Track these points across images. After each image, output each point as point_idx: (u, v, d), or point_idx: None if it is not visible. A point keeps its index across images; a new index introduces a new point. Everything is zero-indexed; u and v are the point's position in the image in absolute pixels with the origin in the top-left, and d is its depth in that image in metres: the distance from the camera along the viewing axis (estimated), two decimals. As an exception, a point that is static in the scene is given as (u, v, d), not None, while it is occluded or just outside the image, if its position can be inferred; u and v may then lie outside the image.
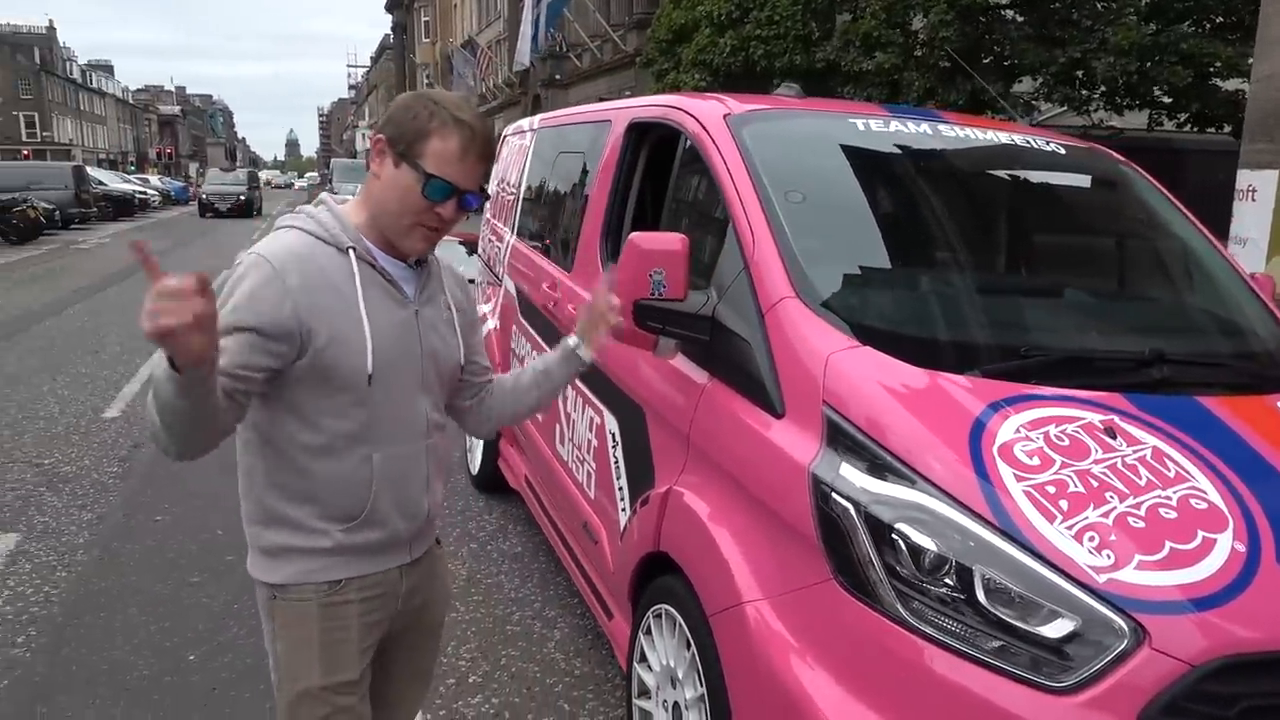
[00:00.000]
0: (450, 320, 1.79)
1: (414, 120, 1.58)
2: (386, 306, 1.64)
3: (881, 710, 1.81)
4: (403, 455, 1.70)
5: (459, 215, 1.65)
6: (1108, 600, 1.67)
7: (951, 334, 2.30)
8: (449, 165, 1.57)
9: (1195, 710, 1.63)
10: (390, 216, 1.62)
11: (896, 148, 2.76)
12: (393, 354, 1.63)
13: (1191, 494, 1.85)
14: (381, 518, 1.69)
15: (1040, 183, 2.95)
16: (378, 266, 1.64)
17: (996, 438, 1.90)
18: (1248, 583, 1.71)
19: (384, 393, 1.63)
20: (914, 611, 1.80)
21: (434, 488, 1.80)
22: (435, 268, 1.80)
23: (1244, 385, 2.33)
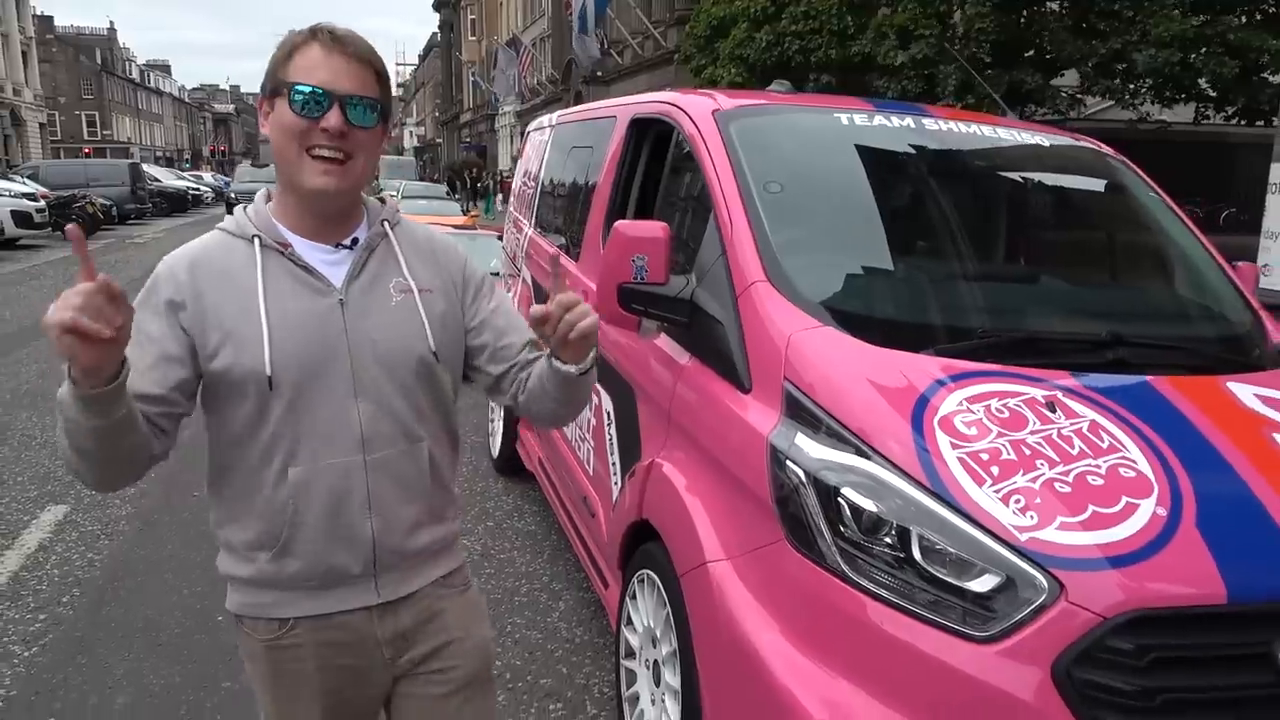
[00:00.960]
0: (408, 303, 1.49)
1: (274, 55, 1.42)
2: (297, 297, 1.42)
3: (826, 660, 1.96)
4: (329, 470, 1.43)
5: (355, 132, 1.39)
6: (1029, 557, 1.80)
7: (910, 316, 2.44)
8: (314, 71, 1.36)
9: (1107, 660, 1.76)
10: (283, 163, 1.41)
11: (876, 141, 2.89)
12: (305, 351, 1.40)
13: (1121, 463, 1.97)
14: (307, 546, 1.45)
15: (1017, 174, 3.06)
16: (289, 253, 1.43)
17: (939, 410, 2.04)
18: (1164, 544, 1.83)
19: (297, 397, 1.41)
20: (857, 569, 1.95)
21: (392, 514, 1.49)
22: (387, 243, 1.52)
23: (1200, 367, 2.43)
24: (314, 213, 1.45)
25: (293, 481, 1.43)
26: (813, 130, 2.95)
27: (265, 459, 1.43)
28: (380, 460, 1.47)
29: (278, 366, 1.38)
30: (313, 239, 1.46)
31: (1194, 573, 1.80)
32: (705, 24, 18.41)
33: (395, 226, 1.55)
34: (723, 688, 2.16)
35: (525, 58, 36.33)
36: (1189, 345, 2.56)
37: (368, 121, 1.40)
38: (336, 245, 1.47)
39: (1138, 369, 2.32)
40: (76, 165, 29.40)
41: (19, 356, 8.25)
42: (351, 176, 1.41)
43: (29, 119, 50.36)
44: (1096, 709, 1.75)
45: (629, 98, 3.93)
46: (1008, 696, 1.78)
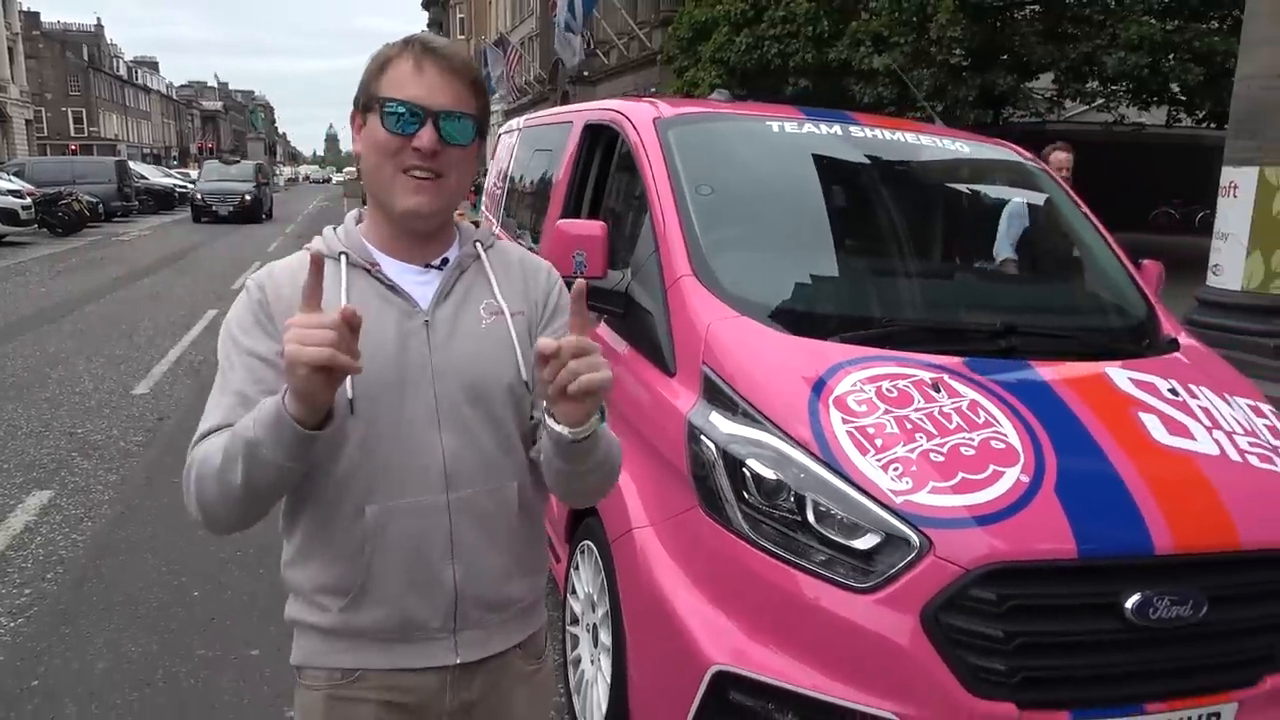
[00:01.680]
0: (499, 326, 1.37)
1: (367, 69, 1.35)
2: (381, 316, 1.32)
3: (731, 612, 2.20)
4: (411, 511, 1.32)
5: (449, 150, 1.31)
6: (903, 517, 2.04)
7: (820, 307, 2.69)
8: (406, 85, 1.29)
9: (970, 607, 2.00)
10: (374, 182, 1.34)
11: (802, 147, 3.13)
12: (385, 374, 1.30)
13: (993, 437, 2.21)
14: (386, 593, 1.33)
15: (933, 176, 3.31)
16: (376, 272, 1.35)
17: (834, 390, 2.28)
18: (1023, 507, 2.07)
19: (378, 425, 1.30)
20: (760, 531, 2.19)
21: (477, 560, 1.35)
22: (478, 265, 1.42)
23: (1084, 354, 2.68)
24: (405, 232, 1.37)
25: (369, 521, 1.31)
26: (745, 137, 3.19)
27: (340, 494, 1.32)
28: (465, 500, 1.34)
29: (359, 389, 1.27)
30: (402, 259, 1.38)
31: (1048, 531, 2.05)
32: (687, 26, 18.69)
33: (489, 249, 1.45)
34: (643, 639, 2.39)
35: (513, 57, 36.53)
36: (1076, 335, 2.81)
37: (463, 139, 1.32)
38: (426, 265, 1.39)
39: (1026, 355, 2.57)
40: (63, 163, 29.09)
41: (5, 350, 8.43)
42: (445, 195, 1.33)
43: (15, 115, 50.26)
44: (960, 650, 2.00)
45: (584, 104, 4.16)
46: (884, 639, 2.02)
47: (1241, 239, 7.96)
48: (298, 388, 1.10)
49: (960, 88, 13.69)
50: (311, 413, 1.12)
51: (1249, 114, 7.93)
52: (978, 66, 13.99)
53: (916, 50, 13.59)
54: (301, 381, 1.09)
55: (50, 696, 3.04)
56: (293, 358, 1.07)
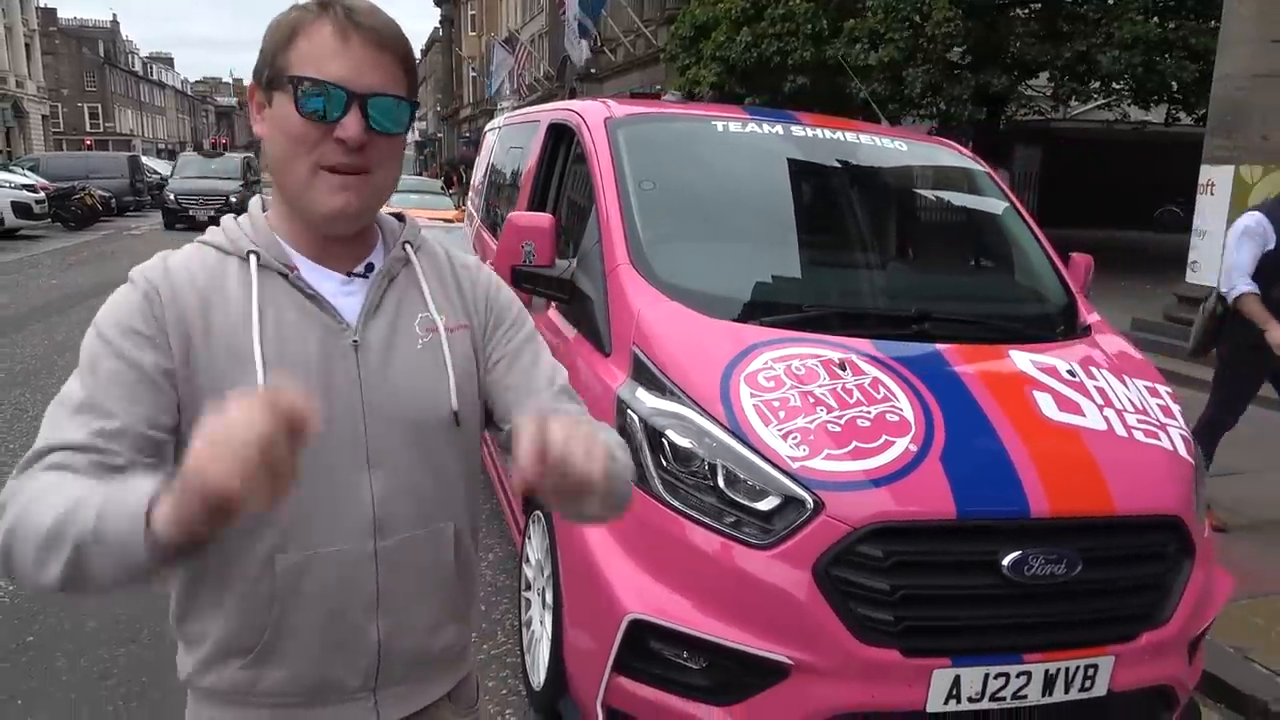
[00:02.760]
0: (434, 346, 1.19)
1: (273, 35, 1.11)
2: (302, 333, 1.12)
3: (650, 568, 2.42)
4: (331, 561, 1.13)
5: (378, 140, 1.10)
6: (798, 480, 2.26)
7: (744, 294, 2.90)
8: (327, 60, 1.06)
9: (857, 562, 2.22)
10: (285, 176, 1.11)
11: (743, 146, 3.35)
12: None
13: (889, 410, 2.42)
14: (294, 654, 1.15)
15: (868, 172, 3.52)
16: (293, 278, 1.13)
17: (747, 368, 2.50)
18: (908, 472, 2.28)
19: None
20: (677, 496, 2.41)
21: (404, 613, 1.19)
22: (409, 271, 1.22)
23: (994, 339, 2.89)
24: (322, 233, 1.15)
25: (280, 573, 1.11)
26: (689, 136, 3.42)
27: (245, 540, 1.10)
28: (395, 547, 1.16)
29: None
30: (320, 262, 1.16)
31: (930, 494, 2.26)
32: (689, 24, 18.86)
33: (419, 249, 1.25)
34: (574, 595, 2.62)
35: (521, 54, 36.77)
36: (987, 321, 3.02)
37: (396, 126, 1.11)
38: (349, 274, 1.17)
39: (935, 339, 2.78)
40: (77, 157, 29.39)
41: (15, 339, 8.73)
42: (373, 194, 1.13)
43: (32, 111, 50.88)
44: (850, 601, 2.22)
45: (550, 105, 4.39)
46: (782, 591, 2.24)
47: (1218, 236, 8.10)
48: (185, 515, 0.84)
49: (955, 86, 13.83)
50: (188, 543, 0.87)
51: (1226, 113, 8.10)
52: (973, 65, 14.14)
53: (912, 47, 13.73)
54: (194, 512, 0.83)
55: (43, 650, 3.29)
56: (192, 481, 0.81)
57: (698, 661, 2.33)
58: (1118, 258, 15.50)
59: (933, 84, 13.64)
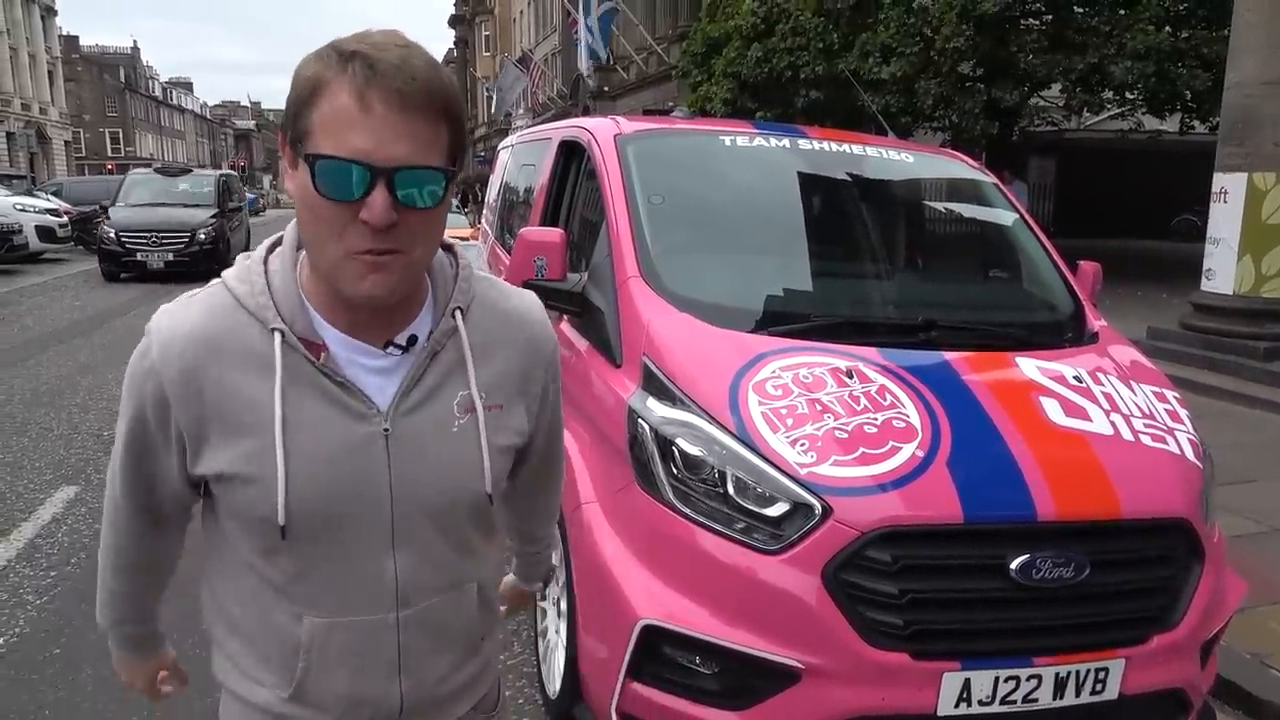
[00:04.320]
0: (470, 428, 1.14)
1: (296, 89, 1.00)
2: (328, 423, 1.08)
3: (661, 574, 2.45)
4: (351, 629, 1.16)
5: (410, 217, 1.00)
6: (807, 487, 2.29)
7: (753, 304, 2.94)
8: (346, 132, 0.96)
9: (866, 566, 2.24)
10: (313, 247, 1.04)
11: (750, 159, 3.40)
12: (332, 494, 1.09)
13: (895, 417, 2.46)
14: (323, 700, 1.19)
15: (875, 184, 3.56)
16: (321, 361, 1.07)
17: (755, 377, 2.54)
18: (916, 477, 2.31)
19: (318, 546, 1.11)
20: (687, 503, 2.44)
21: (424, 670, 1.22)
22: (455, 339, 1.15)
23: (1000, 346, 2.91)
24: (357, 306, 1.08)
25: (306, 633, 1.15)
26: (697, 151, 3.47)
27: (276, 599, 1.15)
28: (417, 614, 1.18)
29: (295, 513, 1.07)
30: (354, 334, 1.09)
31: (937, 499, 2.29)
32: (701, 41, 19.00)
33: (469, 311, 1.16)
34: (588, 602, 2.66)
35: (535, 73, 37.08)
36: (993, 329, 3.05)
37: (428, 200, 0.99)
38: (386, 345, 1.10)
39: (942, 347, 2.81)
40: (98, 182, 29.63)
41: (40, 360, 8.87)
42: (407, 271, 1.03)
43: (55, 137, 51.72)
44: (859, 605, 2.24)
45: (561, 122, 4.46)
46: (791, 596, 2.27)
47: (1232, 244, 8.11)
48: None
49: (967, 100, 13.86)
50: None
51: (1237, 121, 8.10)
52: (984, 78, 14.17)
53: (923, 61, 13.78)
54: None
55: (70, 662, 3.36)
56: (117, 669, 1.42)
57: (710, 666, 2.36)
58: (1134, 267, 15.44)
59: (944, 97, 13.67)
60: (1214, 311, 8.27)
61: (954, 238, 3.65)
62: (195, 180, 17.43)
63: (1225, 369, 7.80)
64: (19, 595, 3.90)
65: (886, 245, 3.40)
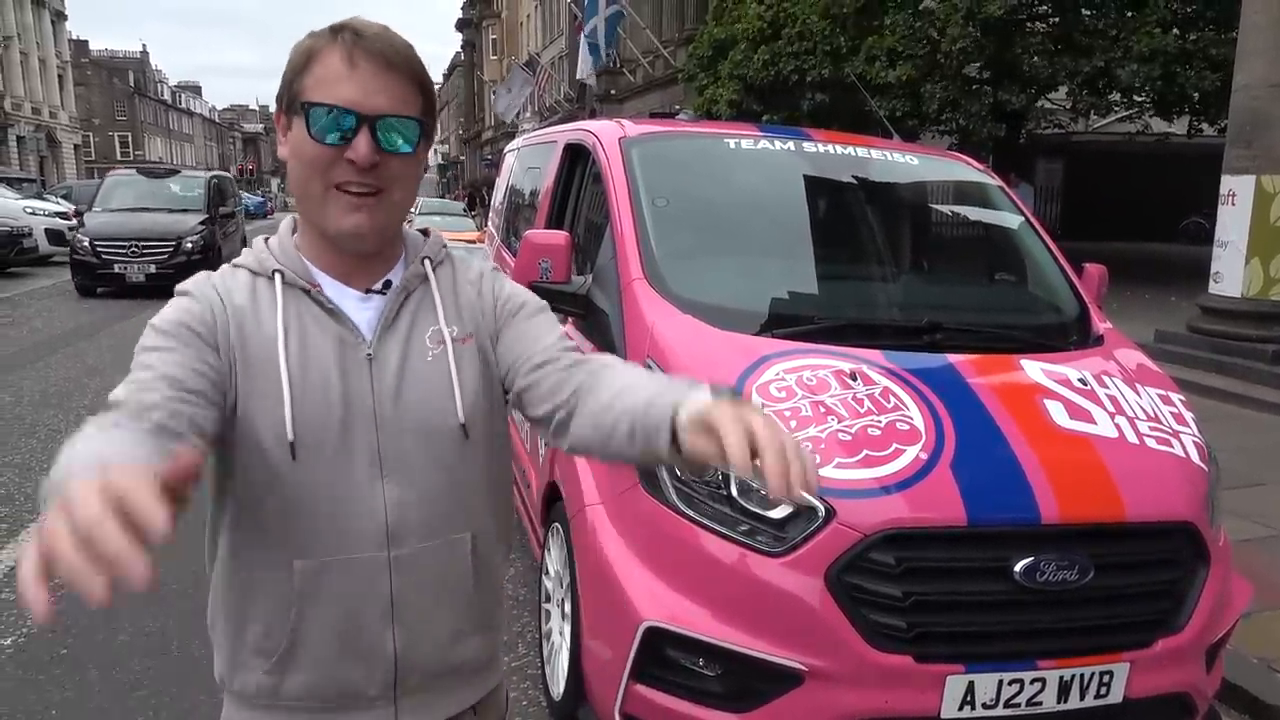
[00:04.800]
0: (442, 358, 1.22)
1: (290, 62, 1.17)
2: (322, 346, 1.18)
3: (665, 575, 2.46)
4: (346, 568, 1.18)
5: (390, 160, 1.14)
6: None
7: (757, 306, 2.94)
8: (336, 85, 1.12)
9: (869, 569, 2.24)
10: (303, 198, 1.18)
11: (755, 162, 3.41)
12: (331, 415, 1.16)
13: (899, 419, 2.46)
14: (315, 657, 1.19)
15: (878, 186, 3.56)
16: (315, 294, 1.19)
17: (759, 379, 2.54)
18: (919, 480, 2.31)
19: (314, 472, 1.15)
20: (691, 505, 2.45)
21: (422, 623, 1.23)
22: (425, 285, 1.26)
23: (1004, 348, 2.91)
24: (343, 251, 1.21)
25: (297, 577, 1.17)
26: (702, 153, 3.48)
27: (267, 545, 1.17)
28: (410, 557, 1.20)
29: (301, 429, 1.13)
30: (341, 280, 1.22)
31: (940, 501, 2.29)
32: (707, 44, 19.01)
33: (439, 265, 1.29)
34: (592, 603, 2.66)
35: (542, 77, 37.15)
36: (998, 331, 3.04)
37: (406, 146, 1.15)
38: (366, 290, 1.22)
39: (946, 349, 2.81)
40: None
41: (49, 362, 8.92)
42: (387, 212, 1.17)
43: (64, 141, 51.99)
44: (862, 608, 2.24)
45: (565, 125, 4.47)
46: (795, 598, 2.27)
47: (1240, 246, 8.08)
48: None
49: (974, 103, 13.84)
50: None
51: (1245, 123, 8.07)
52: (991, 81, 14.16)
53: (929, 64, 13.77)
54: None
55: (77, 663, 3.38)
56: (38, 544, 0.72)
57: (713, 669, 2.36)
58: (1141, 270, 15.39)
59: (951, 100, 13.66)
60: (1222, 314, 8.24)
61: (959, 240, 3.65)
62: (184, 182, 15.63)
63: (1233, 372, 7.77)
64: (27, 596, 3.92)
65: (891, 248, 3.40)
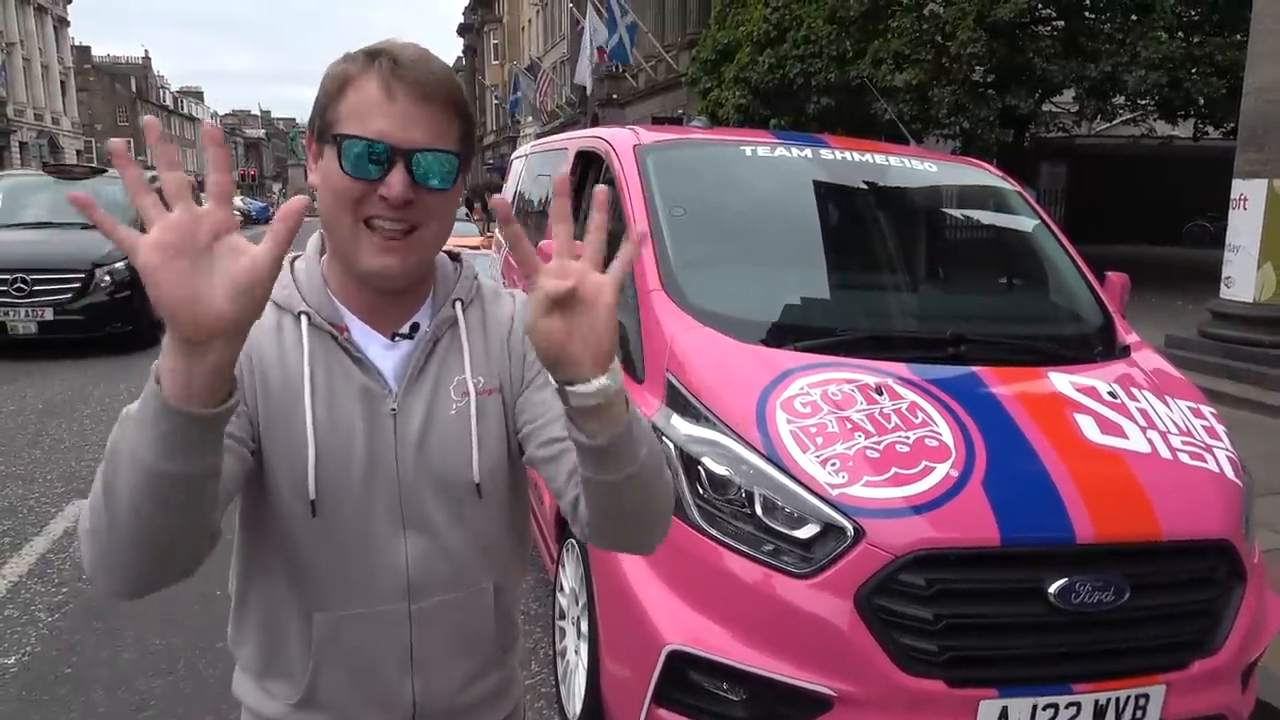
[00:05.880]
0: (465, 411, 1.18)
1: (324, 86, 1.11)
2: (348, 398, 1.14)
3: (688, 597, 2.39)
4: (360, 622, 1.17)
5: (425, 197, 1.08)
6: (838, 508, 2.23)
7: (777, 318, 2.88)
8: (370, 116, 1.06)
9: (899, 590, 2.18)
10: (333, 230, 1.12)
11: (772, 170, 3.35)
12: (350, 469, 1.13)
13: (928, 435, 2.39)
14: (335, 703, 1.20)
15: (897, 194, 3.50)
16: (342, 340, 1.14)
17: (782, 394, 2.47)
18: (950, 498, 2.25)
19: (333, 527, 1.14)
20: (714, 524, 2.38)
21: (440, 672, 1.22)
22: (454, 330, 1.20)
23: (1031, 361, 2.85)
24: (371, 288, 1.16)
25: (316, 630, 1.17)
26: (718, 161, 3.42)
27: (286, 595, 1.17)
28: (429, 609, 1.19)
29: (323, 487, 1.11)
30: (367, 320, 1.17)
31: (972, 521, 2.22)
32: (711, 48, 18.96)
33: (469, 305, 1.22)
34: (611, 625, 2.59)
35: (544, 81, 37.14)
36: (1023, 343, 2.98)
37: (443, 183, 1.09)
38: (393, 336, 1.18)
39: (972, 362, 2.75)
40: None
41: (49, 371, 8.85)
42: (419, 251, 1.12)
43: (67, 146, 52.00)
44: (893, 631, 2.18)
45: (576, 132, 4.41)
46: (823, 621, 2.20)
47: (1252, 251, 8.00)
48: (167, 356, 0.81)
49: (981, 107, 13.79)
50: (196, 387, 0.81)
51: (1257, 126, 8.00)
52: (998, 84, 14.10)
53: (936, 68, 13.71)
54: (170, 344, 0.81)
55: (81, 683, 3.31)
56: (142, 265, 0.80)
57: (738, 693, 2.30)
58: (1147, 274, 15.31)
59: (958, 104, 13.61)
60: (1233, 319, 8.16)
61: (980, 249, 3.58)
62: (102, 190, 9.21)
63: (1245, 378, 7.69)
64: (31, 612, 3.85)
65: (911, 257, 3.34)
